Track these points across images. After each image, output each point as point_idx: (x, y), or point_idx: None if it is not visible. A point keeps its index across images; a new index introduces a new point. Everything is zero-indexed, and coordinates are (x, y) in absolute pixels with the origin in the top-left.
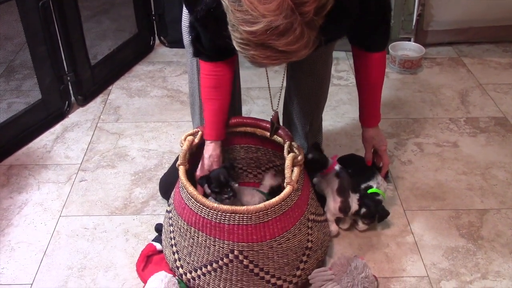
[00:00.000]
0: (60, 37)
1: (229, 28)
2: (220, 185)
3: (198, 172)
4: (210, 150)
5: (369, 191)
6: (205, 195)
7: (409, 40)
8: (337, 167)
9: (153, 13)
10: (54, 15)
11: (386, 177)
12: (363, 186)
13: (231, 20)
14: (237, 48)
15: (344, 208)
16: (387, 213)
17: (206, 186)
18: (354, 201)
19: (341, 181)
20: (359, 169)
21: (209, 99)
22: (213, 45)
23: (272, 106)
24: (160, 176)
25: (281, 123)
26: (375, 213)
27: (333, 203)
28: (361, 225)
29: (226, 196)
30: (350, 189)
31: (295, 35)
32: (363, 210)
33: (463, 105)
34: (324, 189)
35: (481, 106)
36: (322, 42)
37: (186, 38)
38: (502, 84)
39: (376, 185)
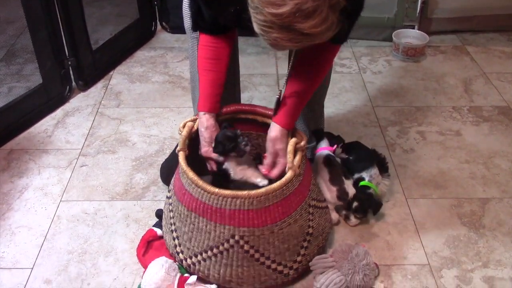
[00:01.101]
0: (61, 22)
1: (251, 10)
2: (232, 139)
3: (203, 149)
4: (205, 122)
5: (360, 184)
6: (219, 170)
7: (413, 28)
8: (324, 152)
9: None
10: (56, 2)
11: (385, 171)
12: (355, 176)
13: (254, 2)
14: (258, 30)
15: (342, 195)
16: (379, 205)
17: (217, 156)
18: (349, 187)
19: (331, 170)
20: (358, 158)
21: (206, 70)
22: (214, 20)
23: (278, 86)
24: (161, 162)
25: None
26: (367, 207)
27: (329, 193)
28: (353, 220)
29: (243, 143)
30: (343, 175)
31: (321, 17)
32: (355, 204)
33: (466, 94)
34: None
35: (484, 95)
36: (345, 25)
37: (187, 22)
38: (506, 73)
39: (368, 178)
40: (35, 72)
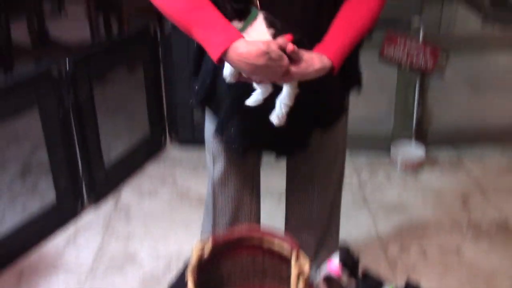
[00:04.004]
0: (77, 140)
1: None
2: None
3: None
4: (250, 44)
5: None
6: None
7: (410, 141)
8: (326, 270)
9: (165, 113)
10: (73, 121)
11: None
12: None
13: None
14: None
15: None
16: None
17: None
18: None
19: None
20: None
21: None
22: None
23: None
24: (169, 279)
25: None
26: None
27: None
28: None
29: None
30: None
31: None
32: None
33: (465, 209)
34: None
35: (482, 210)
36: None
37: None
38: (503, 187)
39: None
40: (49, 189)
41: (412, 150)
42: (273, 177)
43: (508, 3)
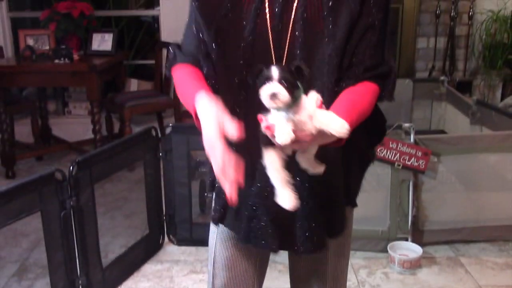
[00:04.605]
0: (76, 241)
1: None
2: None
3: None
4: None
5: None
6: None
7: (407, 240)
8: None
9: (164, 213)
10: (73, 222)
11: None
12: None
13: None
14: None
15: None
16: None
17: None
18: None
19: None
20: None
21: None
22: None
23: None
24: None
25: None
26: None
27: None
28: None
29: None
30: None
31: None
32: None
33: None
34: None
35: None
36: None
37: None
38: (501, 286)
39: None
40: None
41: (409, 249)
42: (271, 275)
43: (493, 104)
